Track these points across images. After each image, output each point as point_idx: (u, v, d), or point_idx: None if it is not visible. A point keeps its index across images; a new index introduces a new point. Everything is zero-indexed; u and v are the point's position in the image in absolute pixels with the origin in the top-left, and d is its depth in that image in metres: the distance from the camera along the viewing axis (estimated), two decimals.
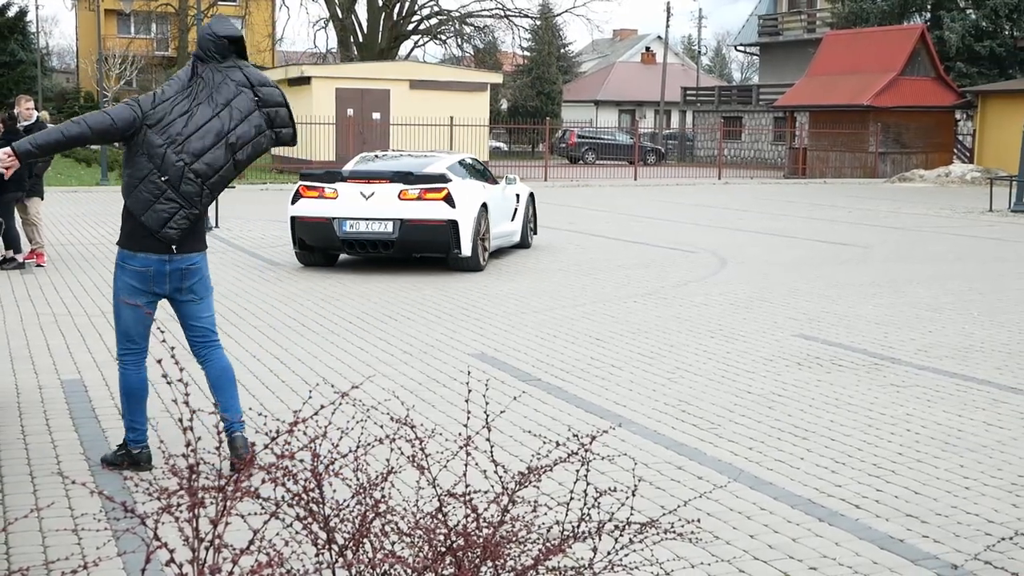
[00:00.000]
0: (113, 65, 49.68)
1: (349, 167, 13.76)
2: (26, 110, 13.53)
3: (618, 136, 52.02)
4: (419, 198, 12.50)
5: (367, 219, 12.54)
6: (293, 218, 13.03)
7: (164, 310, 5.69)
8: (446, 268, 13.18)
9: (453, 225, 12.53)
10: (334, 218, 12.62)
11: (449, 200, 12.55)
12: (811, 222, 21.17)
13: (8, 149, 5.21)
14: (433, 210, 12.50)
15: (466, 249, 12.69)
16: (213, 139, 5.33)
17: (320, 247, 13.24)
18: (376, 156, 15.00)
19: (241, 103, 5.44)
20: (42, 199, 13.65)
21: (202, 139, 5.30)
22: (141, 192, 5.29)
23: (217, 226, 17.51)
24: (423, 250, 13.01)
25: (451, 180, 12.76)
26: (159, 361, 3.18)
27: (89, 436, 6.10)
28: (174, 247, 5.33)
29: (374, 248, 12.73)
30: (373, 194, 12.59)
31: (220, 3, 52.68)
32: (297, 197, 13.03)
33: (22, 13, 54.03)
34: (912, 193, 31.43)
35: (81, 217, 19.72)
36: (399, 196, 12.52)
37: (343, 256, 14.00)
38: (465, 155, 14.69)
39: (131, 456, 5.41)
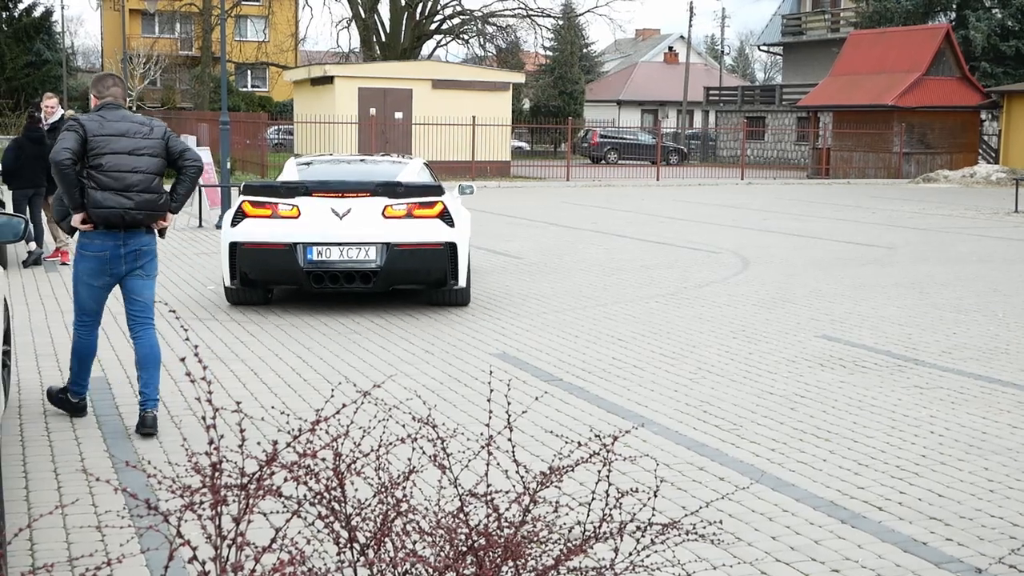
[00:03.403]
0: (137, 65, 50.00)
1: (294, 176, 10.79)
2: (48, 108, 13.62)
3: (640, 136, 51.90)
4: (408, 215, 9.87)
5: (342, 244, 9.71)
6: (234, 245, 9.82)
7: (188, 310, 5.70)
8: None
9: (451, 249, 9.91)
10: (295, 243, 9.67)
11: (446, 217, 9.97)
12: (834, 223, 21.08)
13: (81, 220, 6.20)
14: (427, 231, 9.85)
15: (462, 279, 10.15)
16: None
17: (271, 281, 10.21)
18: (311, 163, 11.66)
19: None
20: None
21: None
22: None
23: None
24: (411, 281, 10.17)
25: (445, 192, 10.25)
26: (182, 359, 3.20)
27: (112, 433, 6.14)
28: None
29: (349, 281, 9.80)
30: (349, 211, 9.79)
31: (243, 3, 52.88)
32: (239, 217, 9.93)
33: (48, 13, 54.45)
34: (936, 194, 31.25)
35: None
36: (383, 213, 9.83)
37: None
38: (419, 158, 12.12)
39: (70, 404, 6.47)
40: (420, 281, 10.16)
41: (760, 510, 5.03)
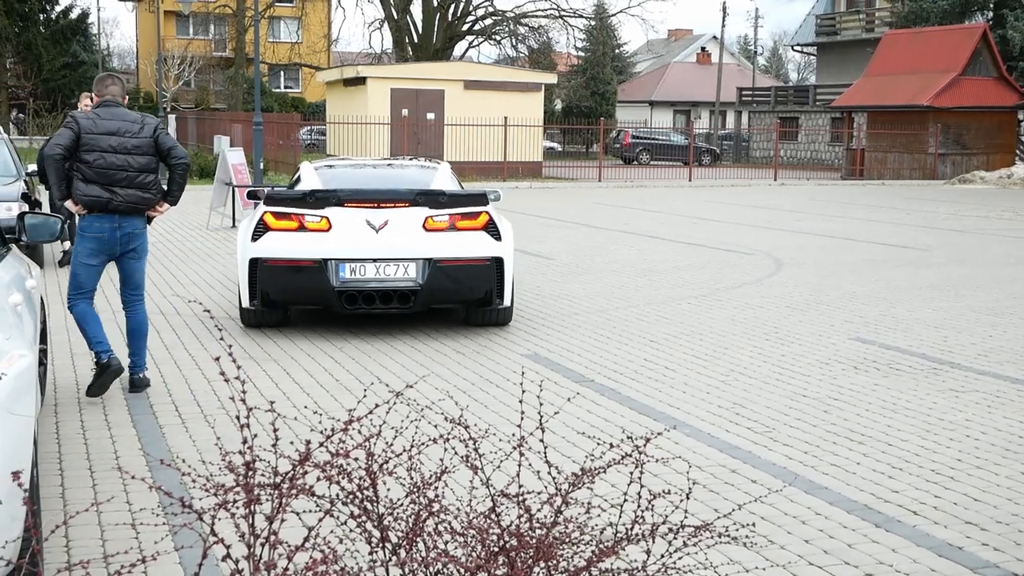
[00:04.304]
0: (172, 66, 50.35)
1: (314, 182, 9.82)
2: (86, 107, 13.73)
3: (673, 137, 51.76)
4: (451, 227, 8.99)
5: (378, 260, 8.82)
6: (254, 261, 8.86)
7: (222, 310, 5.74)
8: None
9: (498, 265, 9.05)
10: (326, 260, 8.74)
11: (492, 229, 9.13)
12: (869, 224, 20.94)
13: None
14: (472, 245, 9.00)
15: (507, 297, 9.26)
16: None
17: (296, 302, 9.22)
18: (332, 167, 10.64)
19: None
20: None
21: None
22: None
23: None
24: (452, 300, 9.23)
25: (489, 201, 9.36)
26: (217, 359, 3.21)
27: (147, 432, 6.18)
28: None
29: (386, 302, 8.85)
30: (386, 223, 8.88)
31: (277, 4, 53.16)
32: (261, 230, 8.96)
33: (84, 15, 55.02)
34: (972, 195, 30.99)
35: None
36: (423, 225, 8.94)
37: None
38: (445, 163, 10.99)
39: (104, 367, 6.78)
40: (462, 300, 9.22)
41: (793, 513, 5.00)
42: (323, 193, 9.01)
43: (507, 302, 9.26)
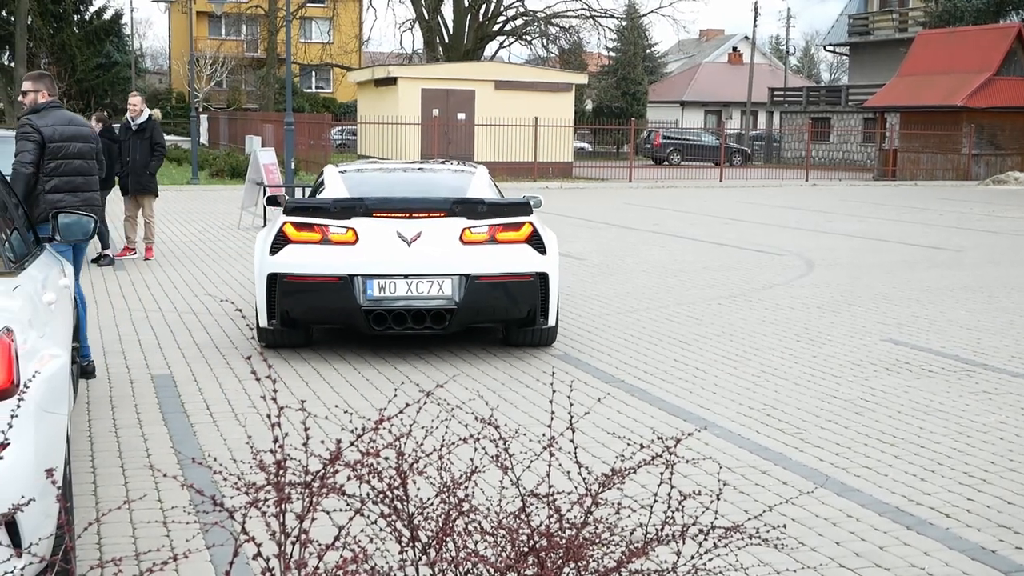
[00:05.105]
0: (204, 66, 50.63)
1: (339, 188, 8.96)
2: (132, 106, 13.76)
3: (704, 137, 51.57)
4: (491, 239, 8.18)
5: (410, 276, 7.98)
6: (273, 277, 8.05)
7: (249, 306, 5.76)
8: None
9: (542, 281, 8.24)
10: (352, 276, 7.93)
11: (536, 242, 8.31)
12: (901, 225, 20.80)
13: None
14: (514, 259, 8.18)
15: (552, 316, 8.45)
16: None
17: (319, 321, 8.41)
18: (360, 172, 9.69)
19: None
20: (156, 196, 14.02)
21: None
22: None
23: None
24: (491, 320, 8.41)
25: (533, 210, 8.62)
26: (248, 358, 3.23)
27: (178, 430, 6.22)
28: None
29: (418, 322, 8.01)
30: (419, 235, 8.07)
31: (308, 5, 53.35)
32: (280, 242, 8.13)
33: (118, 16, 55.34)
34: (1007, 196, 30.72)
35: (173, 215, 20.10)
36: (461, 238, 8.13)
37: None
38: (482, 167, 10.05)
39: (83, 369, 7.08)
40: (501, 320, 8.41)
41: (824, 515, 4.97)
42: (349, 202, 8.22)
43: (551, 321, 8.43)
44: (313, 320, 8.31)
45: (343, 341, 8.80)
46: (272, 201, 10.15)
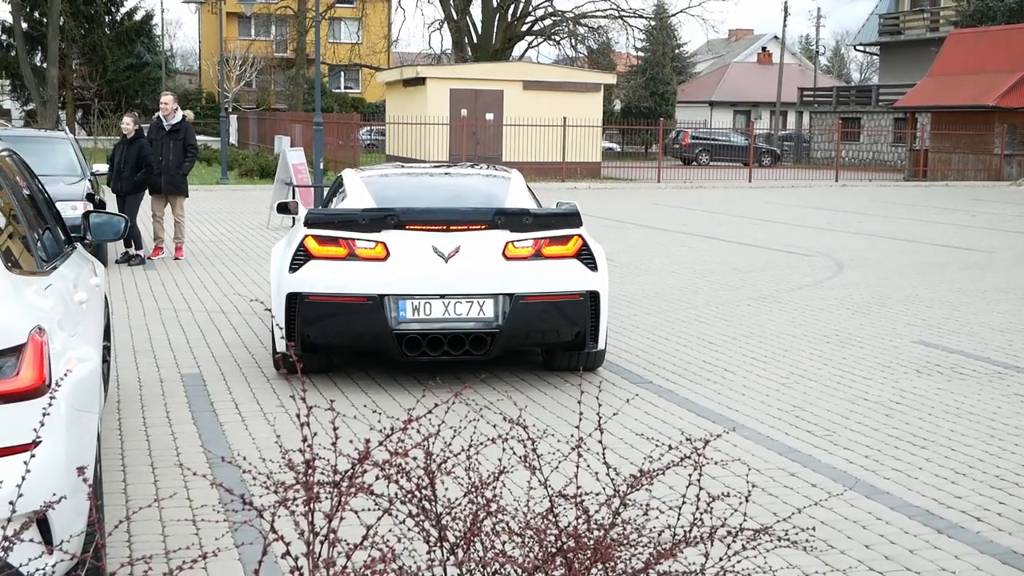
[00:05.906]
0: (234, 66, 50.85)
1: (363, 196, 7.95)
2: (165, 105, 13.82)
3: (733, 137, 51.39)
4: (536, 254, 7.32)
5: (447, 296, 7.16)
6: (293, 296, 7.21)
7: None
8: None
9: (593, 300, 7.42)
10: (382, 296, 7.08)
11: (585, 257, 7.48)
12: (932, 226, 20.65)
13: None
14: (563, 276, 7.34)
15: (602, 339, 7.65)
16: None
17: (344, 346, 7.59)
18: (386, 177, 8.84)
19: None
20: (187, 197, 14.10)
21: None
22: None
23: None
24: (536, 343, 7.67)
25: (582, 222, 7.70)
26: (277, 357, 3.24)
27: (207, 429, 6.26)
28: None
29: (456, 347, 7.18)
30: (457, 250, 7.21)
31: (338, 5, 53.52)
32: (302, 257, 7.27)
33: (148, 17, 55.73)
34: None
35: (202, 215, 20.21)
36: (503, 253, 7.28)
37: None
38: (516, 171, 9.05)
39: None
40: (548, 343, 7.63)
41: (853, 518, 4.95)
42: (380, 212, 7.31)
43: (601, 344, 7.63)
44: (338, 344, 7.50)
45: None
46: (282, 208, 9.49)
